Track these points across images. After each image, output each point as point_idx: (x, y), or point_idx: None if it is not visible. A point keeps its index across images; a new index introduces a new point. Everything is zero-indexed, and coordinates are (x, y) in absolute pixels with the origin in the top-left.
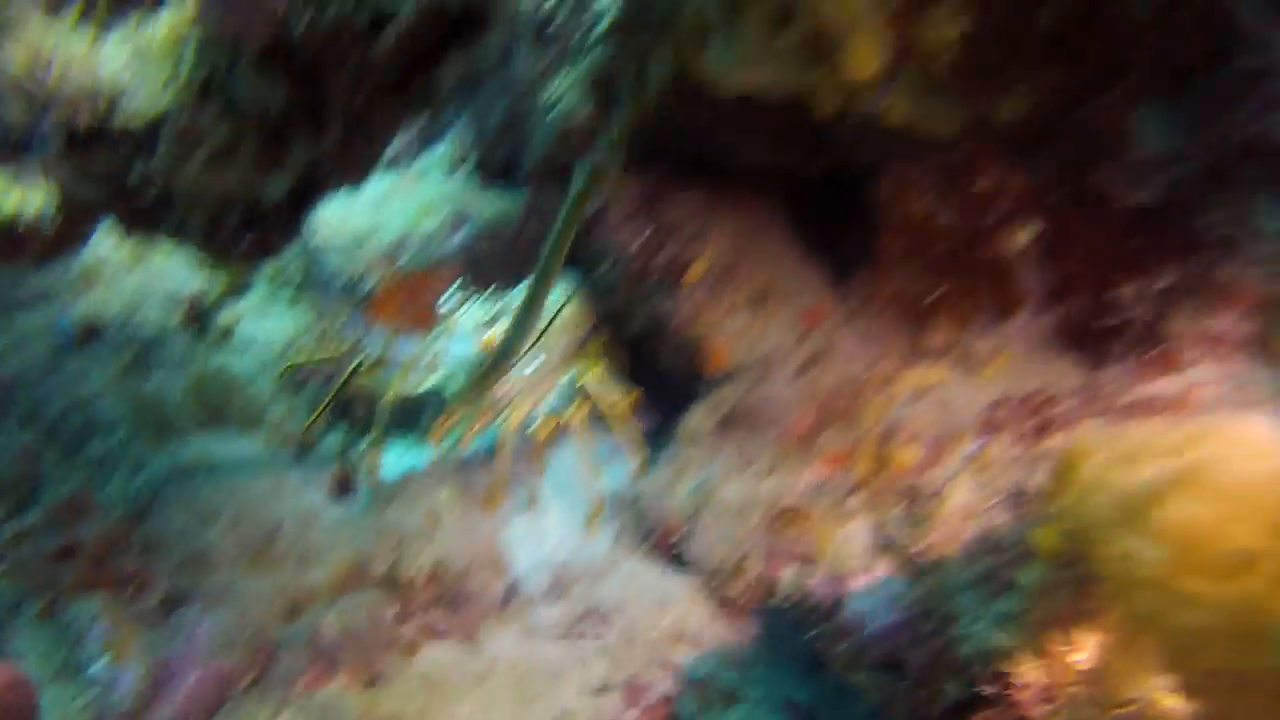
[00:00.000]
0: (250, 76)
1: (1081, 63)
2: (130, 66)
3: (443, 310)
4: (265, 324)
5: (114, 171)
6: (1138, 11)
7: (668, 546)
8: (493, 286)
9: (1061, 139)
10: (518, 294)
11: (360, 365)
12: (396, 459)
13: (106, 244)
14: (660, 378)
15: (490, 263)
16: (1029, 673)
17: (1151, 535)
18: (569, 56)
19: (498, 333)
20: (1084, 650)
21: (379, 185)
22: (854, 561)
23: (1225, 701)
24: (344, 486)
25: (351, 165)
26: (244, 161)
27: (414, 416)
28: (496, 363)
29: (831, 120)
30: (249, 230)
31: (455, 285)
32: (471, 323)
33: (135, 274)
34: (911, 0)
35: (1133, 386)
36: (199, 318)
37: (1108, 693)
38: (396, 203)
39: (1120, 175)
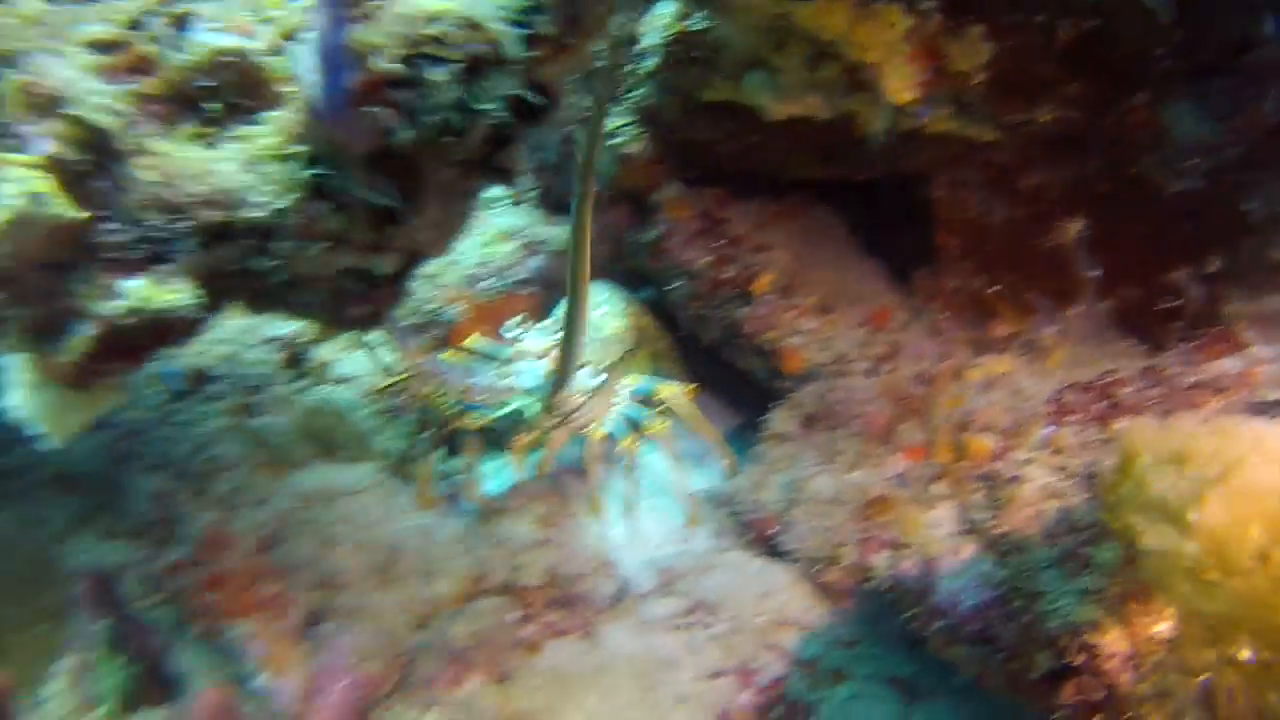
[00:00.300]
0: (359, 177)
1: (1105, 70)
2: (245, 173)
3: (509, 336)
4: (359, 359)
5: (243, 262)
6: (1159, 15)
7: (765, 539)
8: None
9: (1099, 137)
10: (560, 310)
11: (447, 396)
12: (496, 476)
13: None
14: (740, 382)
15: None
16: (1114, 643)
17: (1188, 533)
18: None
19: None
20: (1165, 620)
21: None
22: (941, 545)
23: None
24: (449, 505)
25: (445, 236)
26: (356, 246)
27: (503, 436)
28: (557, 377)
29: (879, 133)
30: (363, 303)
31: (521, 314)
32: (540, 345)
33: (232, 320)
34: (938, 32)
35: (1194, 368)
36: (297, 358)
37: (1188, 660)
38: (468, 235)
39: (1160, 166)
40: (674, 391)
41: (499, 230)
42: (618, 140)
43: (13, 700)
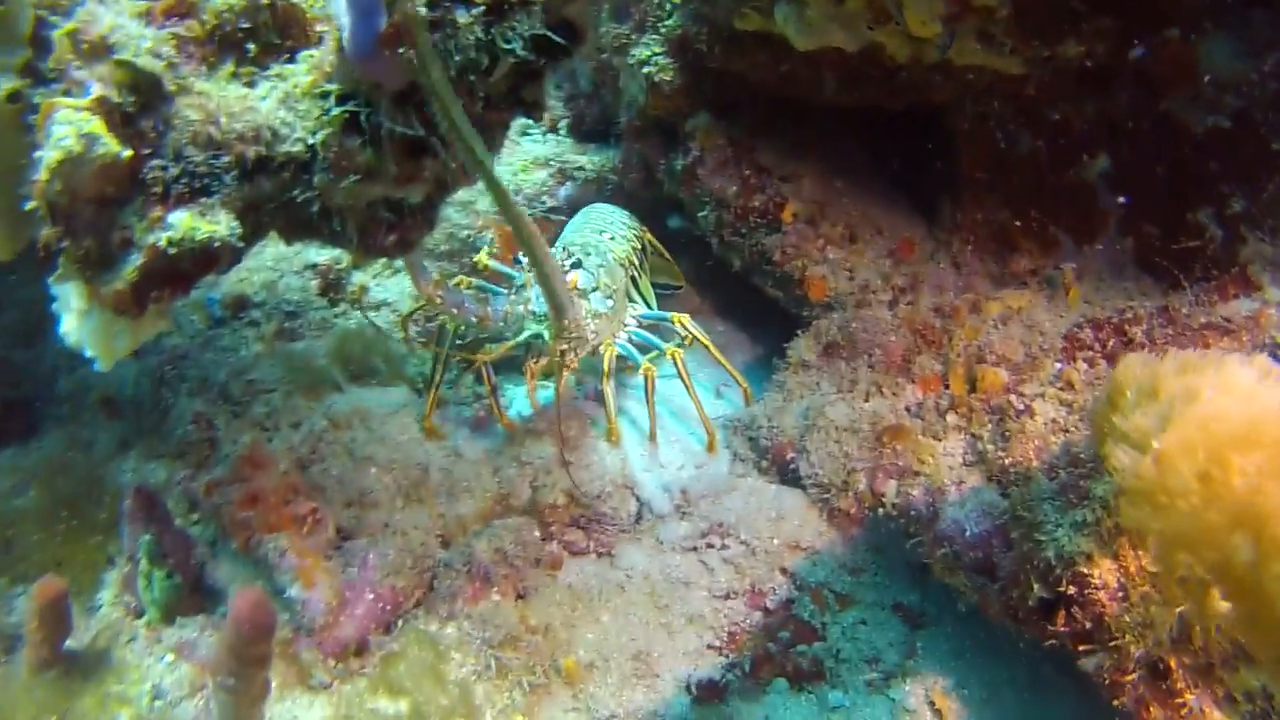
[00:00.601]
0: (389, 113)
1: (1136, 3)
2: (282, 109)
3: (524, 262)
4: (392, 285)
5: (280, 194)
6: None
7: (782, 465)
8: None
9: (1128, 72)
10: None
11: (465, 326)
12: (523, 400)
13: None
14: (766, 312)
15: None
16: (1105, 574)
17: (1149, 459)
18: (650, 20)
19: (577, 277)
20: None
21: None
22: (950, 474)
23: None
24: (482, 424)
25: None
26: (386, 178)
27: (523, 360)
28: (551, 305)
29: (906, 63)
30: (392, 232)
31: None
32: None
33: (271, 248)
34: None
35: (1208, 308)
36: (333, 285)
37: (1167, 591)
38: (502, 163)
39: (1190, 103)
40: (687, 320)
41: (533, 158)
42: (648, 70)
43: (70, 604)
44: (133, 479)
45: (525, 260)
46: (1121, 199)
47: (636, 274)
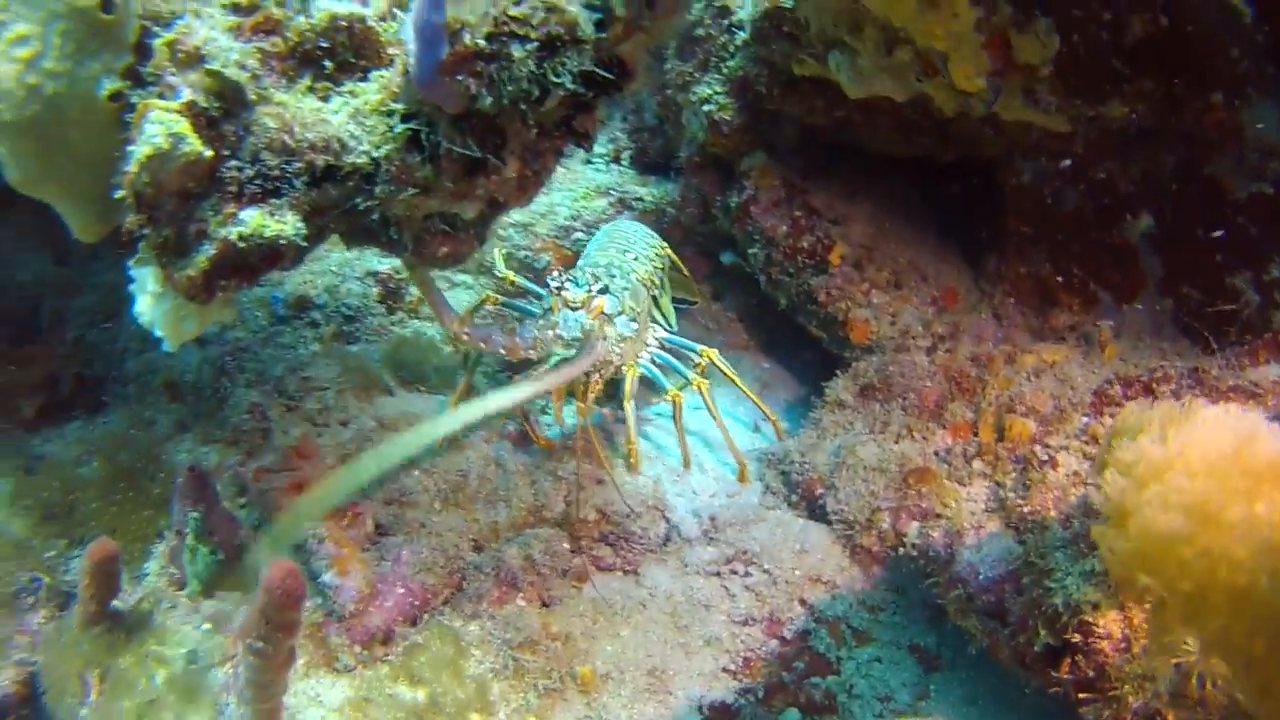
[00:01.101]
0: (447, 133)
1: (1178, 69)
2: (351, 124)
3: (554, 285)
4: (451, 297)
5: (344, 201)
6: (1242, 15)
7: (811, 500)
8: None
9: (1174, 134)
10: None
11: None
12: (568, 417)
13: None
14: (810, 349)
15: None
16: (1110, 624)
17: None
18: (713, 60)
19: (604, 302)
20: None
21: None
22: (970, 519)
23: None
24: (522, 440)
25: (526, 190)
26: (442, 193)
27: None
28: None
29: (955, 116)
30: (446, 243)
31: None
32: (578, 295)
33: (335, 254)
34: (1005, 24)
35: (1237, 372)
36: (392, 293)
37: (1164, 641)
38: (564, 189)
39: (1234, 167)
40: (715, 355)
41: (595, 186)
42: (708, 108)
43: (120, 566)
44: (187, 459)
45: (553, 283)
46: (1160, 268)
47: (658, 293)
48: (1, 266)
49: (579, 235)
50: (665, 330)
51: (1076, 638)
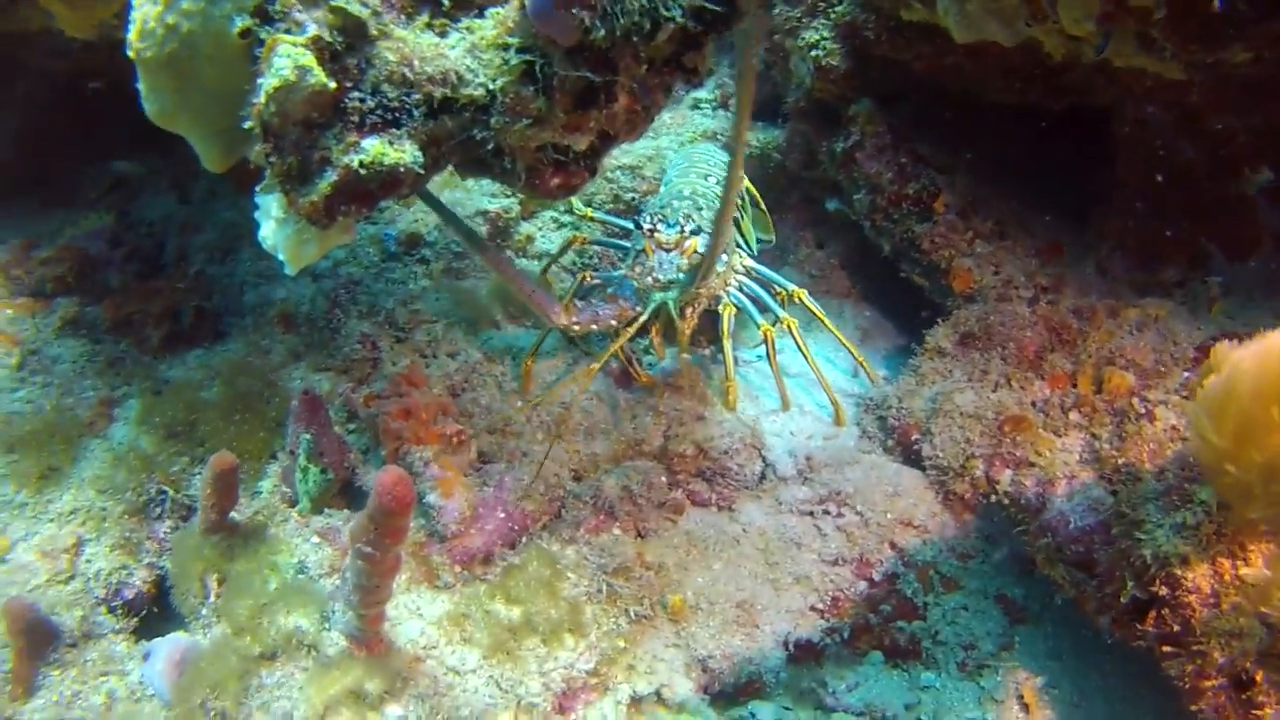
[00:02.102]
0: (561, 66)
1: None
2: (468, 58)
3: (646, 226)
4: (556, 238)
5: (460, 132)
6: None
7: (907, 445)
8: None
9: None
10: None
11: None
12: (669, 357)
13: None
14: (912, 299)
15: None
16: (1199, 579)
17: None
18: (820, 5)
19: (697, 242)
20: (1253, 565)
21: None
22: (1064, 469)
23: None
24: (624, 378)
25: (635, 125)
26: (555, 125)
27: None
28: (701, 269)
29: (1066, 63)
30: (558, 174)
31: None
32: (671, 237)
33: (447, 193)
34: None
35: None
36: (501, 232)
37: (1267, 602)
38: (672, 133)
39: None
40: (805, 295)
41: (701, 130)
42: (816, 53)
43: (238, 478)
44: (301, 385)
45: (645, 225)
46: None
47: (740, 215)
48: (134, 205)
49: None
50: (749, 258)
51: (1164, 591)
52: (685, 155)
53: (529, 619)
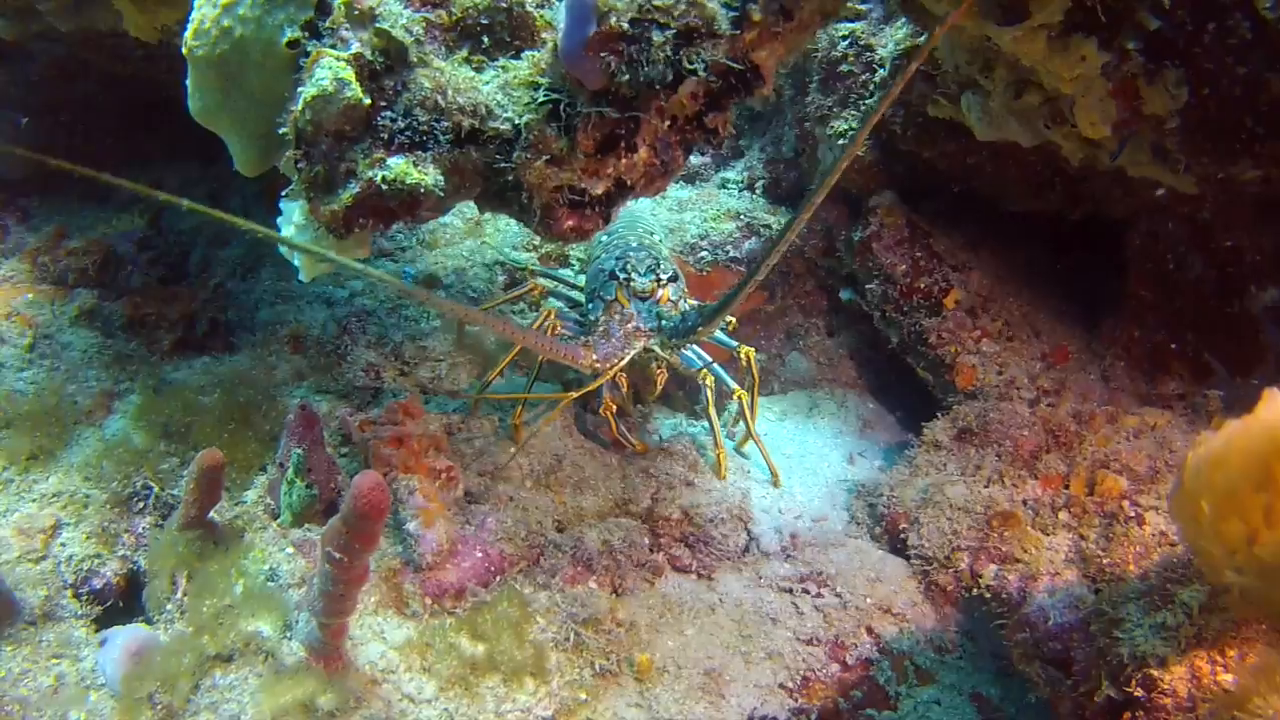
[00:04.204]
0: (585, 108)
1: None
2: (499, 93)
3: (621, 277)
4: (570, 295)
5: (483, 163)
6: None
7: (894, 533)
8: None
9: None
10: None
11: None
12: (671, 424)
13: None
14: (917, 395)
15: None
16: (1176, 683)
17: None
18: (853, 97)
19: (669, 290)
20: (1232, 672)
21: (681, 192)
22: (1048, 567)
23: None
24: (620, 442)
25: (653, 179)
26: (575, 166)
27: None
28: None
29: (1083, 170)
30: (572, 216)
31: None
32: (646, 285)
33: (469, 241)
34: (1135, 72)
35: None
36: (516, 283)
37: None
38: (696, 209)
39: None
40: (752, 351)
41: (726, 209)
42: (843, 142)
43: (223, 478)
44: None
45: (620, 275)
46: None
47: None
48: (167, 213)
49: (704, 254)
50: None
51: (1139, 692)
52: (624, 215)
53: (492, 656)
